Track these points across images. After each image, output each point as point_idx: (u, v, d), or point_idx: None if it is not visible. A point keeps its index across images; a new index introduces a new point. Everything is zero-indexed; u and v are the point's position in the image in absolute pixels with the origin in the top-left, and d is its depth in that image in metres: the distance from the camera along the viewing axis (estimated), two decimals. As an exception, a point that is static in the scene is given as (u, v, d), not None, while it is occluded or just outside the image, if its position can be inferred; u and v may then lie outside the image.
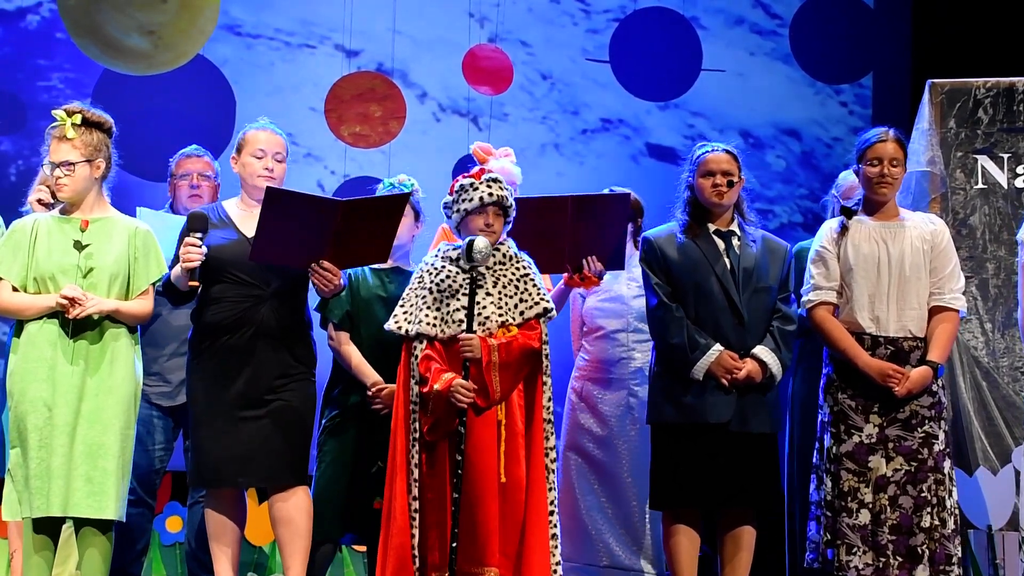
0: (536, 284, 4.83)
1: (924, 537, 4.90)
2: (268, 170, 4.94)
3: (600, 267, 5.22)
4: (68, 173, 4.74)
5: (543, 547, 4.72)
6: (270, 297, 4.87)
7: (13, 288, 4.75)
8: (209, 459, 4.87)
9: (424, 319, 4.77)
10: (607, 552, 5.57)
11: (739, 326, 5.04)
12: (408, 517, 4.72)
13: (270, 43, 7.55)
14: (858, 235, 5.07)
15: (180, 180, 5.67)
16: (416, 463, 4.74)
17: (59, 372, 4.67)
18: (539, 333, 4.79)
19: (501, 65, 7.35)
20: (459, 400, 4.67)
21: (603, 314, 5.61)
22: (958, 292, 5.08)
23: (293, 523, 4.88)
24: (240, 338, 4.85)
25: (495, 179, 4.84)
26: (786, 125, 7.99)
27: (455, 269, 4.79)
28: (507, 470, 4.70)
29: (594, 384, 5.60)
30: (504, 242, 4.89)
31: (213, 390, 4.86)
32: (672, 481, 5.05)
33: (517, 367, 4.74)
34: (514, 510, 4.71)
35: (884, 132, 5.11)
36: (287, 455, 4.86)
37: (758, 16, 8.01)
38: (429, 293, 4.81)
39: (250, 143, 4.98)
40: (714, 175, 5.09)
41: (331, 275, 4.78)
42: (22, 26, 7.32)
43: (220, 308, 4.88)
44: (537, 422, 4.79)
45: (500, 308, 4.77)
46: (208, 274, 4.85)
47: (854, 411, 4.99)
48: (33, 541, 4.69)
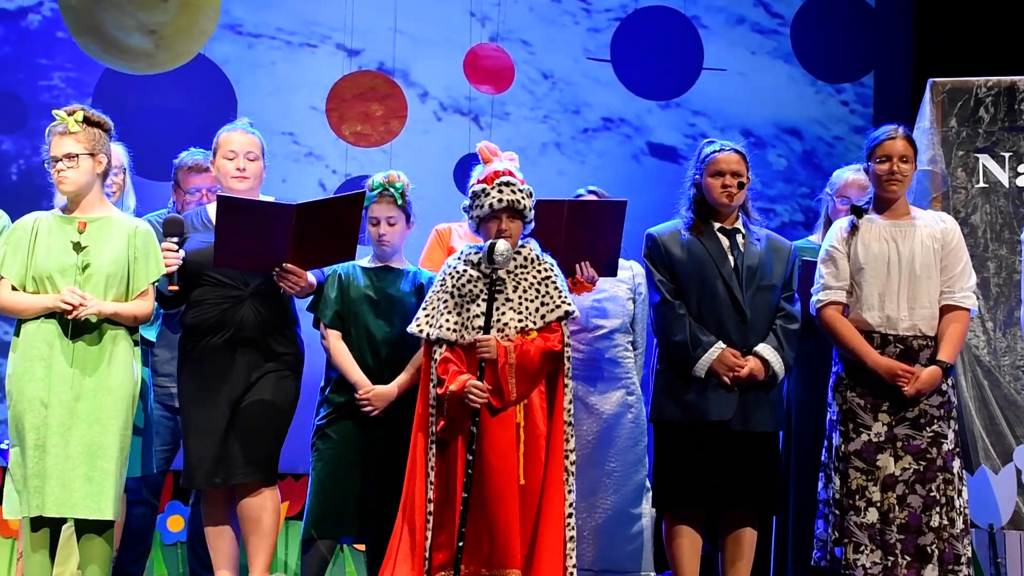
0: (558, 287, 4.79)
1: (933, 536, 4.89)
2: (240, 170, 4.97)
3: (593, 273, 5.20)
4: (71, 165, 4.73)
5: (557, 550, 4.69)
6: (249, 297, 4.91)
7: (12, 287, 4.75)
8: (191, 459, 4.91)
9: (444, 324, 4.77)
10: (600, 555, 5.54)
11: (742, 324, 5.04)
12: (424, 517, 4.72)
13: (271, 42, 7.55)
14: (868, 234, 5.06)
15: (188, 195, 5.62)
16: (432, 464, 4.75)
17: (55, 372, 4.67)
18: (560, 336, 4.75)
19: (502, 64, 7.35)
20: (472, 400, 4.66)
21: (601, 314, 5.60)
22: (969, 291, 5.06)
23: (256, 521, 4.90)
24: (221, 339, 4.89)
25: (507, 183, 4.78)
26: (787, 124, 7.99)
27: (476, 273, 4.77)
28: (527, 473, 4.68)
29: (589, 383, 5.59)
30: (525, 244, 4.85)
31: (197, 392, 4.91)
32: (675, 482, 5.05)
33: (535, 369, 4.72)
34: (531, 513, 4.70)
35: (893, 129, 5.10)
36: (255, 454, 4.87)
37: (759, 15, 8.01)
38: (451, 297, 4.80)
39: (222, 145, 5.02)
40: (724, 175, 5.09)
41: (296, 276, 4.83)
42: (23, 25, 7.32)
43: (201, 310, 4.93)
44: (557, 424, 4.76)
45: (520, 314, 4.75)
46: (190, 278, 4.89)
47: (863, 409, 4.98)
48: (32, 540, 4.68)
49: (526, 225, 4.84)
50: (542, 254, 4.86)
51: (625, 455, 5.52)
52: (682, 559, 5.08)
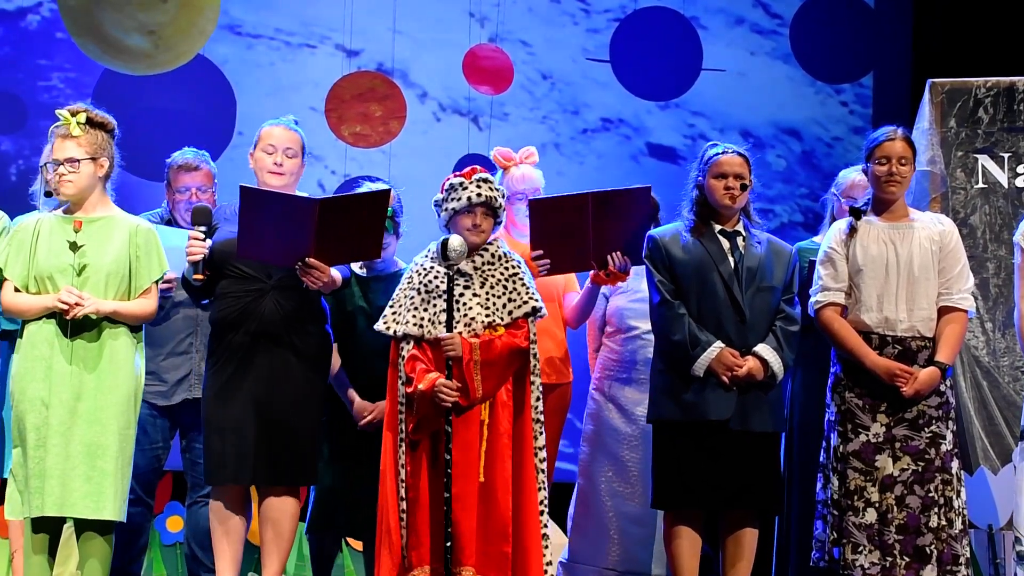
0: (525, 283, 4.82)
1: (932, 537, 4.89)
2: (277, 165, 4.96)
3: (625, 261, 5.17)
4: (73, 170, 4.74)
5: (535, 547, 4.72)
6: (271, 290, 4.87)
7: (16, 289, 4.75)
8: (213, 457, 4.86)
9: (410, 320, 4.78)
10: (628, 556, 5.55)
11: (741, 324, 5.04)
12: (398, 517, 4.73)
13: (270, 43, 7.55)
14: (867, 236, 5.06)
15: (178, 194, 5.59)
16: (403, 463, 4.75)
17: (56, 372, 4.67)
18: (526, 332, 4.78)
19: (501, 65, 7.36)
20: (442, 399, 4.67)
21: (635, 314, 5.58)
22: (967, 292, 5.06)
23: (277, 524, 4.88)
24: (244, 334, 4.85)
25: (485, 179, 4.84)
26: (786, 125, 7.99)
27: (441, 269, 4.78)
28: (490, 470, 4.69)
29: (623, 384, 5.58)
30: (493, 242, 4.88)
31: (220, 389, 4.86)
32: (674, 482, 5.04)
33: (501, 366, 4.73)
34: (499, 510, 4.69)
35: (892, 131, 5.10)
36: (283, 457, 4.84)
37: (758, 16, 8.01)
38: (417, 294, 4.81)
39: (263, 139, 5.02)
40: (727, 177, 5.09)
41: (319, 272, 4.77)
42: (22, 26, 7.32)
43: (225, 304, 4.90)
44: (526, 422, 4.78)
45: (487, 308, 4.76)
46: (215, 270, 4.87)
47: (861, 410, 4.98)
48: (33, 541, 4.69)
49: (496, 226, 4.88)
50: (509, 252, 4.89)
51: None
52: (681, 559, 5.08)
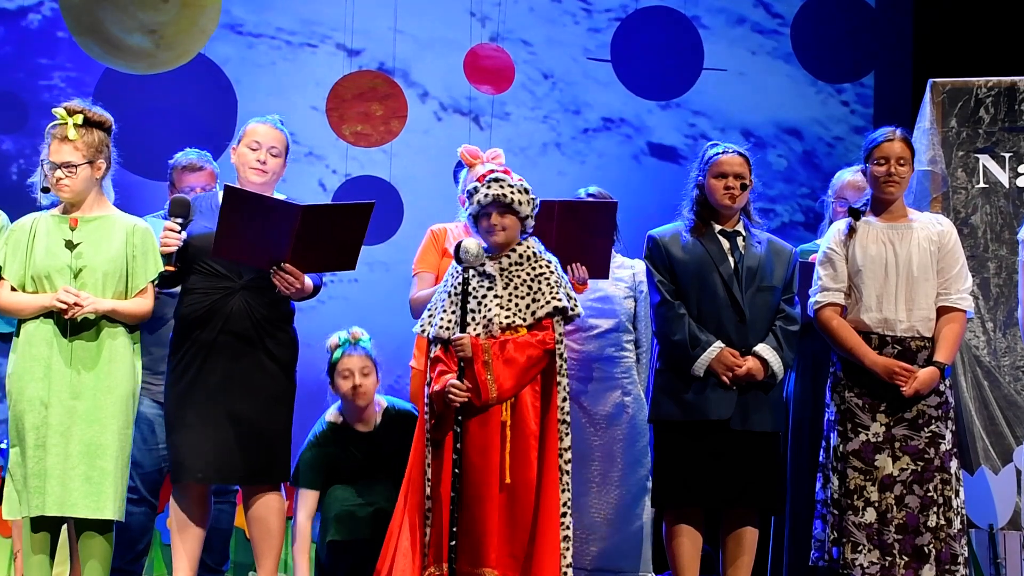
0: (551, 284, 4.76)
1: (930, 536, 4.90)
2: (260, 162, 4.93)
3: (584, 274, 5.18)
4: (70, 175, 4.74)
5: (553, 549, 4.68)
6: (240, 289, 4.85)
7: (12, 288, 4.75)
8: (178, 455, 4.83)
9: (439, 322, 4.78)
10: (596, 554, 5.54)
11: (741, 324, 5.04)
12: (423, 515, 4.73)
13: (271, 42, 7.56)
14: (866, 237, 5.07)
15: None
16: (428, 462, 4.77)
17: (55, 371, 4.67)
18: (551, 333, 4.74)
19: (502, 64, 7.35)
20: (451, 399, 4.67)
21: (596, 313, 5.59)
22: (965, 292, 5.08)
23: (264, 522, 4.88)
24: (210, 332, 4.82)
25: (496, 179, 4.80)
26: (787, 124, 7.99)
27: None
28: (514, 472, 4.67)
29: (583, 383, 5.59)
30: (523, 241, 4.83)
31: (185, 387, 4.83)
32: (675, 481, 5.05)
33: (518, 367, 4.70)
34: (523, 512, 4.68)
35: (891, 131, 5.11)
36: (253, 456, 4.82)
37: (759, 15, 8.01)
38: (448, 296, 4.80)
39: (248, 135, 4.98)
40: (727, 177, 5.09)
41: (292, 278, 4.74)
42: (23, 25, 7.33)
43: (191, 299, 4.87)
44: (551, 422, 4.74)
45: (507, 309, 4.74)
46: (187, 263, 4.84)
47: (861, 410, 4.99)
48: (32, 541, 4.69)
49: (524, 221, 4.83)
50: (543, 252, 4.85)
51: (623, 455, 5.52)
52: (682, 558, 5.08)
